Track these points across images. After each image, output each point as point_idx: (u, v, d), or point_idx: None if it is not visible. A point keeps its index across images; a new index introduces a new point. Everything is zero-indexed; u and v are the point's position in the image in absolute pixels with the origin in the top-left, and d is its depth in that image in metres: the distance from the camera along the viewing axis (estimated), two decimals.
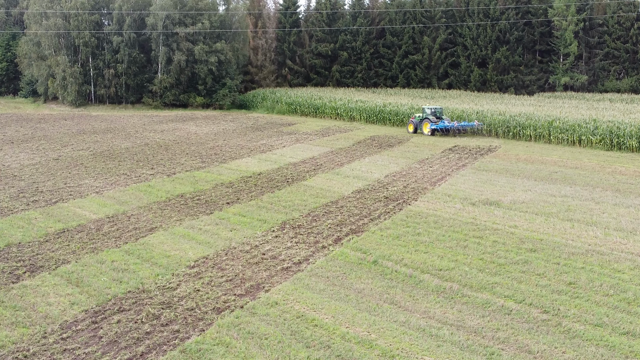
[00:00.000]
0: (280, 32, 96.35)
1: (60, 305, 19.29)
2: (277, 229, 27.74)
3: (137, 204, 32.01)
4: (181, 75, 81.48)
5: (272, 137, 56.71)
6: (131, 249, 24.74)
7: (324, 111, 74.54)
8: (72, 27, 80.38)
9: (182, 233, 26.96)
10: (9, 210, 30.49)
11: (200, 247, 25.10)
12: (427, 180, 38.14)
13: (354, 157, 46.07)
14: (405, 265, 23.19)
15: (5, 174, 38.80)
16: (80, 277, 21.71)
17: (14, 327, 17.82)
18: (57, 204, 31.94)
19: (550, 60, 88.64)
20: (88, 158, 44.85)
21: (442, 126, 59.51)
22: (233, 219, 29.36)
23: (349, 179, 38.22)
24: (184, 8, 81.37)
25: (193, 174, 39.48)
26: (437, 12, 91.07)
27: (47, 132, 58.60)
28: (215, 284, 21.27)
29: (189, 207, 31.34)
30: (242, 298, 20.10)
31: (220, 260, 23.54)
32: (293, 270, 22.70)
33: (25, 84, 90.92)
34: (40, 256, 23.85)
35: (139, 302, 19.68)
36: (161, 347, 16.65)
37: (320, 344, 16.88)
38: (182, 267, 22.84)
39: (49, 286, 20.93)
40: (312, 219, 29.40)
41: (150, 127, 63.77)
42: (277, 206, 31.68)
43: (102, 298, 19.93)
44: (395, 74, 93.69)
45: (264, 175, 39.13)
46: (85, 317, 18.60)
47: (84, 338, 17.18)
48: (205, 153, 47.51)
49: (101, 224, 28.37)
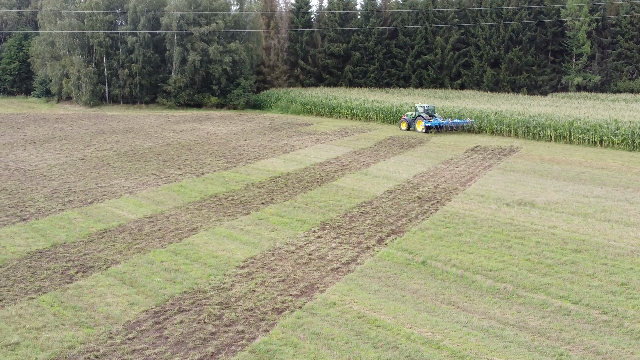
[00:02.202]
0: (292, 32, 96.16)
1: (120, 306, 19.25)
2: (317, 230, 27.69)
3: (173, 204, 31.96)
4: (195, 75, 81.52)
5: (292, 137, 56.70)
6: (177, 249, 24.70)
7: (340, 111, 74.59)
8: (87, 27, 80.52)
9: (224, 233, 26.93)
10: (46, 210, 30.46)
11: (246, 247, 25.07)
12: (456, 180, 38.07)
13: (378, 158, 46.04)
14: (454, 265, 23.14)
15: (34, 174, 38.78)
16: (133, 277, 21.65)
17: (78, 328, 17.76)
18: (93, 204, 31.88)
19: (562, 61, 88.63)
20: (113, 158, 44.82)
21: (437, 124, 60.76)
22: (272, 219, 29.32)
23: (378, 180, 38.17)
24: (198, 8, 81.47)
25: (222, 174, 39.42)
26: (449, 13, 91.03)
27: (67, 132, 58.60)
28: (268, 284, 21.23)
29: (225, 208, 31.30)
30: (299, 298, 20.07)
31: (269, 261, 23.51)
32: (343, 271, 22.62)
33: (39, 84, 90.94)
34: (88, 256, 23.80)
35: (197, 302, 19.65)
36: (229, 348, 16.64)
37: (387, 344, 16.89)
38: (232, 267, 22.81)
39: (104, 286, 20.88)
40: (350, 219, 29.36)
41: (168, 127, 63.75)
42: (313, 206, 31.64)
43: (159, 298, 19.87)
44: (407, 74, 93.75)
45: (293, 176, 39.12)
46: (147, 318, 18.50)
47: (150, 338, 17.16)
48: (229, 153, 47.49)
49: (141, 224, 28.36)
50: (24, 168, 40.88)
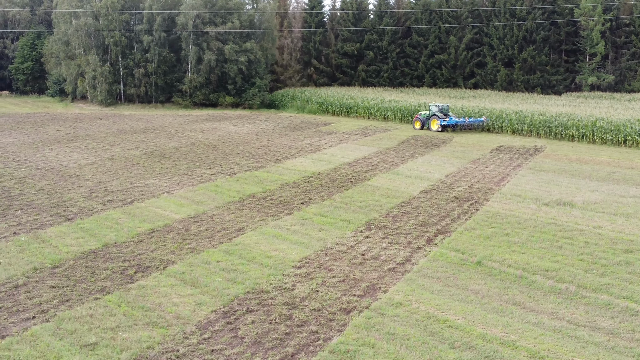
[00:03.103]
0: (305, 32, 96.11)
1: (188, 306, 19.29)
2: (364, 230, 27.74)
3: (213, 204, 32.02)
4: (211, 75, 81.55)
5: (314, 137, 56.75)
6: (230, 249, 24.76)
7: (357, 111, 74.66)
8: (103, 27, 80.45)
9: (272, 233, 26.99)
10: (88, 210, 30.52)
11: (298, 247, 25.15)
12: (489, 180, 38.13)
13: (405, 157, 46.13)
14: (510, 266, 23.20)
15: (67, 174, 38.83)
16: (194, 277, 21.70)
17: (151, 328, 17.80)
18: (134, 203, 31.91)
19: (576, 60, 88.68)
20: (141, 158, 44.89)
21: (452, 122, 60.49)
22: (316, 219, 29.38)
23: (411, 179, 38.22)
24: (214, 7, 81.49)
25: (254, 174, 39.49)
26: (463, 12, 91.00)
27: (88, 131, 58.66)
28: (329, 284, 21.29)
29: (265, 208, 31.35)
30: (363, 299, 20.15)
31: (324, 261, 23.58)
32: (400, 271, 22.69)
33: (53, 83, 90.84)
34: (142, 256, 23.85)
35: (263, 302, 19.72)
36: (307, 348, 16.70)
37: (463, 345, 16.93)
38: (288, 267, 22.86)
39: (166, 286, 20.92)
40: (393, 219, 29.42)
41: (187, 126, 63.82)
42: (353, 206, 31.69)
43: (225, 299, 19.95)
44: (421, 74, 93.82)
45: (325, 176, 39.17)
46: (217, 318, 18.57)
47: (225, 339, 17.22)
48: (255, 153, 47.55)
49: (187, 224, 28.40)
50: (56, 168, 40.87)
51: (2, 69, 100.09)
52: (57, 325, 17.88)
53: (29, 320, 18.27)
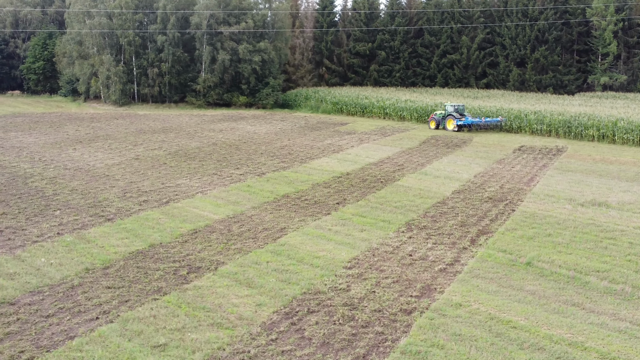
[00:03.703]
0: (317, 32, 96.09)
1: (248, 307, 19.36)
2: (405, 230, 27.79)
3: (249, 204, 32.09)
4: (225, 75, 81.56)
5: (334, 137, 56.83)
6: (276, 250, 24.84)
7: (372, 111, 74.74)
8: (116, 27, 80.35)
9: (315, 233, 27.08)
10: (126, 210, 30.56)
11: (343, 247, 25.24)
12: (519, 180, 38.23)
13: (429, 157, 46.26)
14: (560, 266, 23.27)
15: (97, 174, 38.90)
16: (247, 278, 21.77)
17: (216, 329, 17.86)
18: (170, 204, 31.99)
19: (588, 60, 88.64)
20: (167, 158, 44.95)
21: (469, 122, 60.58)
22: (355, 219, 29.44)
23: (441, 179, 38.28)
24: (228, 7, 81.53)
25: (283, 174, 39.56)
26: (475, 12, 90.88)
27: (107, 131, 58.72)
28: (383, 285, 21.37)
29: (302, 208, 31.40)
30: (421, 300, 20.23)
31: (373, 261, 23.63)
32: (451, 272, 22.71)
33: (65, 83, 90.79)
34: (190, 257, 23.90)
35: (321, 303, 19.80)
36: (377, 349, 16.77)
37: (532, 346, 17.00)
38: (339, 268, 22.91)
39: (222, 287, 20.99)
40: (432, 220, 29.49)
41: (205, 126, 63.94)
42: (389, 207, 31.76)
43: (283, 299, 20.01)
44: (433, 74, 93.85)
45: (353, 176, 39.28)
46: (280, 319, 18.62)
47: (293, 340, 17.26)
48: (278, 153, 47.60)
49: (228, 224, 28.50)
50: (84, 168, 40.93)
51: (13, 68, 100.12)
52: (122, 326, 17.85)
53: (93, 321, 18.25)
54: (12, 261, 23.16)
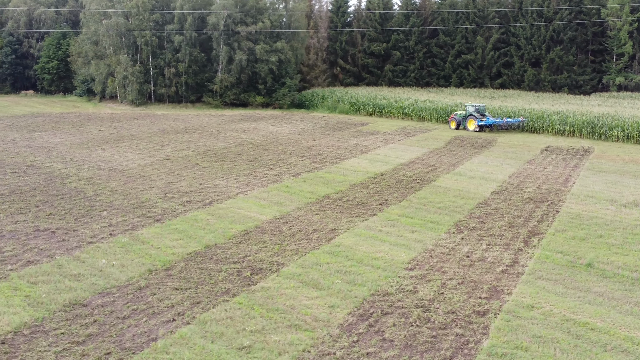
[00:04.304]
0: (331, 32, 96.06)
1: (321, 308, 19.41)
2: (455, 231, 27.90)
3: (293, 205, 32.16)
4: (242, 75, 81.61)
5: (359, 137, 56.93)
6: (333, 251, 24.92)
7: (390, 111, 74.78)
8: (133, 26, 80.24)
9: (366, 234, 27.16)
10: (172, 211, 30.63)
11: (399, 249, 25.35)
12: (554, 181, 38.38)
13: (459, 158, 46.44)
14: (620, 267, 23.39)
15: (132, 174, 39.00)
16: (312, 279, 21.88)
17: (295, 330, 17.93)
18: (213, 204, 32.02)
19: (603, 60, 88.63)
20: (197, 158, 45.07)
21: (490, 122, 60.63)
22: (402, 220, 29.51)
23: (476, 180, 38.37)
24: (244, 7, 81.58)
25: (317, 175, 39.65)
26: (490, 12, 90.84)
27: (130, 131, 58.83)
28: (449, 286, 21.41)
29: (346, 209, 31.48)
30: (491, 301, 20.30)
31: (433, 263, 23.67)
32: (513, 273, 22.83)
33: (80, 83, 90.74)
34: (249, 258, 24.00)
35: (393, 305, 19.89)
36: (462, 351, 16.80)
37: (615, 348, 17.05)
38: (400, 269, 22.96)
39: (289, 288, 21.07)
40: (479, 221, 29.56)
41: (226, 126, 64.07)
42: (432, 207, 31.87)
43: (354, 301, 20.18)
44: (448, 74, 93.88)
45: (388, 176, 39.45)
46: (356, 320, 18.73)
47: (374, 341, 17.34)
48: (307, 153, 47.68)
49: (276, 225, 28.60)
50: (117, 168, 40.97)
51: (27, 68, 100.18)
52: (201, 328, 17.89)
53: (170, 323, 18.30)
54: (73, 262, 23.13)
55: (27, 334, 17.49)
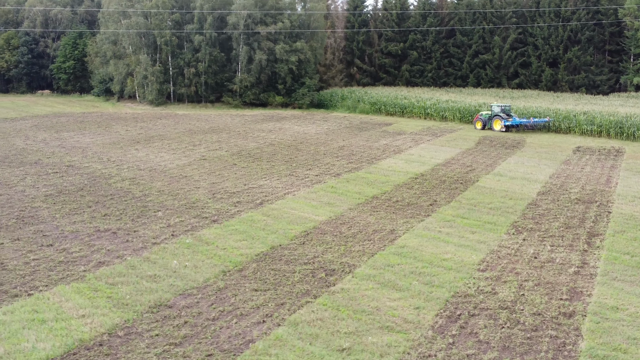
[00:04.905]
0: (348, 32, 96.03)
1: (407, 310, 19.56)
2: (514, 232, 28.05)
3: (344, 205, 32.27)
4: (261, 75, 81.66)
5: (387, 138, 57.04)
6: (399, 252, 25.01)
7: (412, 111, 74.75)
8: (153, 26, 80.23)
9: (428, 235, 27.36)
10: (225, 211, 30.71)
11: (465, 250, 25.46)
12: (595, 182, 38.65)
13: (493, 158, 46.80)
14: None
15: (173, 174, 39.11)
16: (389, 280, 22.01)
17: (388, 332, 18.10)
18: (265, 205, 32.18)
19: (620, 60, 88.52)
20: (232, 158, 45.13)
21: (518, 122, 61.34)
22: (458, 221, 29.57)
23: (518, 181, 38.50)
24: (264, 7, 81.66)
25: (358, 175, 39.83)
26: (507, 13, 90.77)
27: (157, 131, 58.90)
28: (527, 288, 21.60)
29: (398, 209, 31.57)
30: (573, 303, 20.36)
31: (504, 264, 23.78)
32: (586, 274, 23.12)
33: (98, 83, 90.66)
34: (318, 259, 24.17)
35: (477, 306, 20.02)
36: (562, 353, 16.89)
37: None
38: (472, 270, 23.09)
39: (369, 290, 21.17)
40: (534, 222, 29.74)
41: (251, 126, 64.34)
42: (483, 208, 32.03)
43: (438, 302, 20.38)
44: (465, 74, 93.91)
45: (429, 176, 39.61)
46: (446, 322, 18.89)
47: (470, 343, 17.39)
48: (340, 153, 47.80)
49: (334, 225, 28.81)
50: (157, 168, 41.00)
51: (43, 68, 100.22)
52: (295, 330, 17.94)
53: (261, 324, 18.37)
54: (145, 263, 23.17)
55: (122, 336, 17.43)
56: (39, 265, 22.82)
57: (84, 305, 19.25)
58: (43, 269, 22.50)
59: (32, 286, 20.91)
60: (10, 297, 20.00)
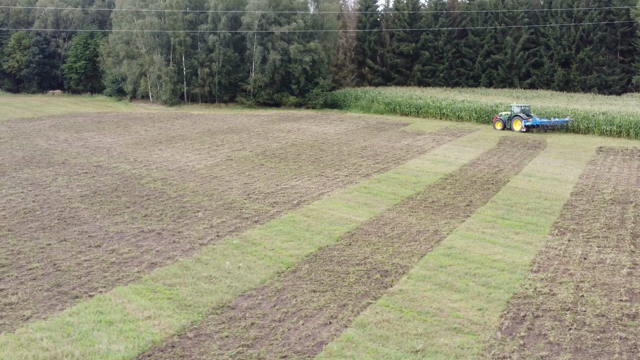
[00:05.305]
0: (360, 32, 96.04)
1: (471, 311, 19.63)
2: (557, 233, 28.13)
3: (381, 206, 32.42)
4: (275, 75, 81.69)
5: (407, 138, 57.13)
6: (448, 253, 25.19)
7: (427, 111, 74.65)
8: (167, 26, 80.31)
9: (473, 236, 27.49)
10: (264, 212, 30.90)
11: (514, 251, 25.64)
12: (626, 182, 39.34)
13: (519, 159, 47.08)
14: None
15: (203, 175, 39.19)
16: (446, 282, 22.12)
17: (457, 333, 18.21)
18: (302, 205, 32.41)
19: (632, 60, 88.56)
20: (258, 158, 45.31)
21: (539, 122, 61.56)
22: (500, 222, 29.67)
23: (549, 181, 38.65)
24: (278, 7, 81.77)
25: (388, 176, 39.90)
26: (519, 13, 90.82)
27: (177, 131, 59.02)
28: (585, 289, 21.93)
29: (435, 210, 31.66)
30: (634, 304, 20.68)
31: (556, 265, 23.97)
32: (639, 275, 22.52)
33: (110, 83, 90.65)
34: (369, 260, 24.32)
35: (540, 308, 20.16)
36: (636, 354, 16.79)
37: None
38: (525, 271, 23.28)
39: (427, 291, 21.20)
40: (574, 222, 29.89)
41: (269, 126, 64.56)
42: (521, 208, 32.08)
43: (499, 303, 20.52)
44: (477, 74, 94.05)
45: (459, 177, 39.86)
46: (512, 324, 19.05)
47: (542, 345, 17.58)
48: (364, 154, 47.95)
49: (376, 226, 28.98)
50: (185, 169, 41.01)
51: (54, 68, 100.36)
52: (364, 331, 18.07)
53: (328, 326, 18.47)
54: (197, 264, 23.21)
55: (192, 337, 17.45)
56: (92, 266, 22.71)
57: (148, 307, 19.18)
58: (97, 269, 22.41)
59: (91, 287, 20.79)
60: (71, 299, 19.91)
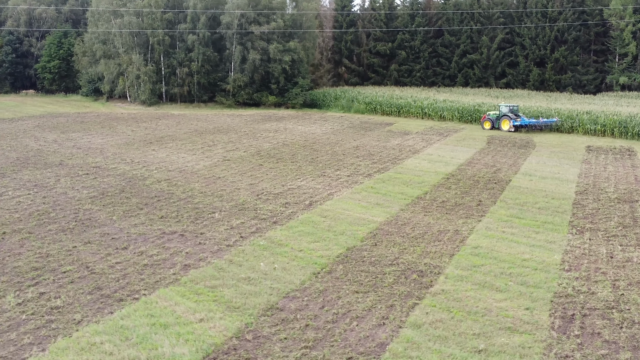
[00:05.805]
0: (337, 32, 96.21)
1: (518, 310, 19.81)
2: (575, 232, 28.41)
3: (394, 206, 32.59)
4: (255, 74, 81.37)
5: (396, 138, 57.56)
6: (477, 253, 25.30)
7: (409, 111, 74.84)
8: (146, 26, 79.58)
9: (495, 236, 27.64)
10: (279, 213, 30.87)
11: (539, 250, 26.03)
12: (625, 181, 40.00)
13: (513, 158, 47.76)
14: None
15: (204, 175, 39.04)
16: (484, 281, 22.19)
17: (511, 333, 18.37)
18: (315, 206, 32.59)
19: (605, 60, 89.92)
20: (254, 158, 45.25)
21: (527, 122, 62.13)
22: (515, 221, 30.00)
23: (549, 180, 39.07)
24: (257, 7, 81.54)
25: (390, 176, 40.12)
26: (494, 13, 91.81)
27: (165, 132, 58.64)
28: (622, 287, 22.32)
29: (449, 210, 31.88)
30: None
31: (585, 264, 24.25)
32: None
33: (86, 82, 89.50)
34: (400, 260, 24.39)
35: (585, 307, 20.59)
36: None
37: None
38: (558, 270, 23.57)
39: (469, 291, 21.39)
40: (588, 221, 30.21)
41: (255, 126, 64.75)
42: (532, 208, 32.45)
43: (543, 302, 20.52)
44: (453, 73, 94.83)
45: (460, 176, 40.21)
46: (562, 323, 19.44)
47: (599, 343, 17.84)
48: (358, 154, 48.16)
49: (395, 227, 29.02)
50: (184, 169, 40.81)
51: (27, 67, 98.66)
52: (421, 332, 18.19)
53: (382, 327, 18.62)
54: (231, 265, 23.16)
55: (251, 340, 17.30)
56: (125, 269, 22.47)
57: (197, 309, 19.04)
58: (132, 272, 22.20)
59: (133, 290, 20.56)
60: (116, 302, 19.69)
